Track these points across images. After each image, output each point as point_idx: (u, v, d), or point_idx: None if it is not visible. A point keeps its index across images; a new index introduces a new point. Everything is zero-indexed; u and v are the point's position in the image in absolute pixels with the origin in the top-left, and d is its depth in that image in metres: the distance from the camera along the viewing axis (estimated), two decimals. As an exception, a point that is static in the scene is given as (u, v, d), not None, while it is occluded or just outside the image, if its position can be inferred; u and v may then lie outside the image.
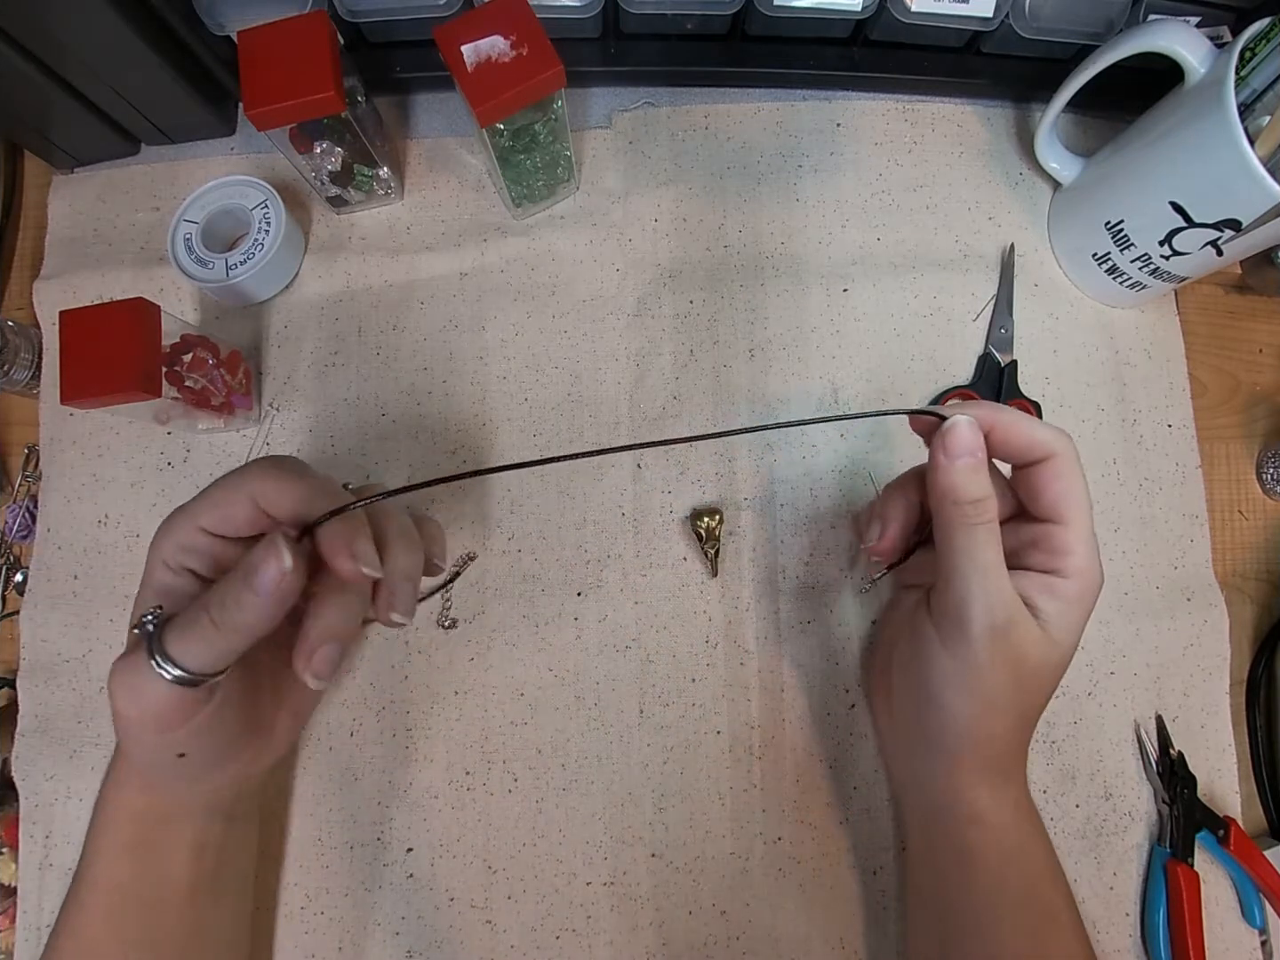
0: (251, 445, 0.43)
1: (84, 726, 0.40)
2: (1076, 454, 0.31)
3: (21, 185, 0.48)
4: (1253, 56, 0.35)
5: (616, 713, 0.40)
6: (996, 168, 0.48)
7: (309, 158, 0.42)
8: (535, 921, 0.38)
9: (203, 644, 0.26)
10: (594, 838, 0.39)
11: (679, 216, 0.46)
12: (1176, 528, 0.45)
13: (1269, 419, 0.48)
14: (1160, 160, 0.39)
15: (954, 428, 0.30)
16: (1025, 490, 0.32)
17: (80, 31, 0.37)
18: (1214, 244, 0.39)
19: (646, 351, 0.44)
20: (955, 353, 0.45)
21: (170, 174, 0.47)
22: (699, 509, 0.41)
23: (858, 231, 0.47)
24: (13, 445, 0.45)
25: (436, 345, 0.44)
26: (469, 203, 0.46)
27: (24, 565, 0.43)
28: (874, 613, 0.42)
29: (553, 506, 0.42)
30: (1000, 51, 0.46)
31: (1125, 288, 0.44)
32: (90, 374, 0.34)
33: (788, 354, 0.44)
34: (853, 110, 0.48)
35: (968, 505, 0.30)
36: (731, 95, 0.48)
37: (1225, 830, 0.40)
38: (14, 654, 0.41)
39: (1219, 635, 0.44)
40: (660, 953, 0.38)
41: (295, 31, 0.37)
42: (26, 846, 0.39)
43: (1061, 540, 0.30)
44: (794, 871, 0.39)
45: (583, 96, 0.48)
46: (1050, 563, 0.31)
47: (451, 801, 0.39)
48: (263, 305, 0.45)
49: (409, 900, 0.38)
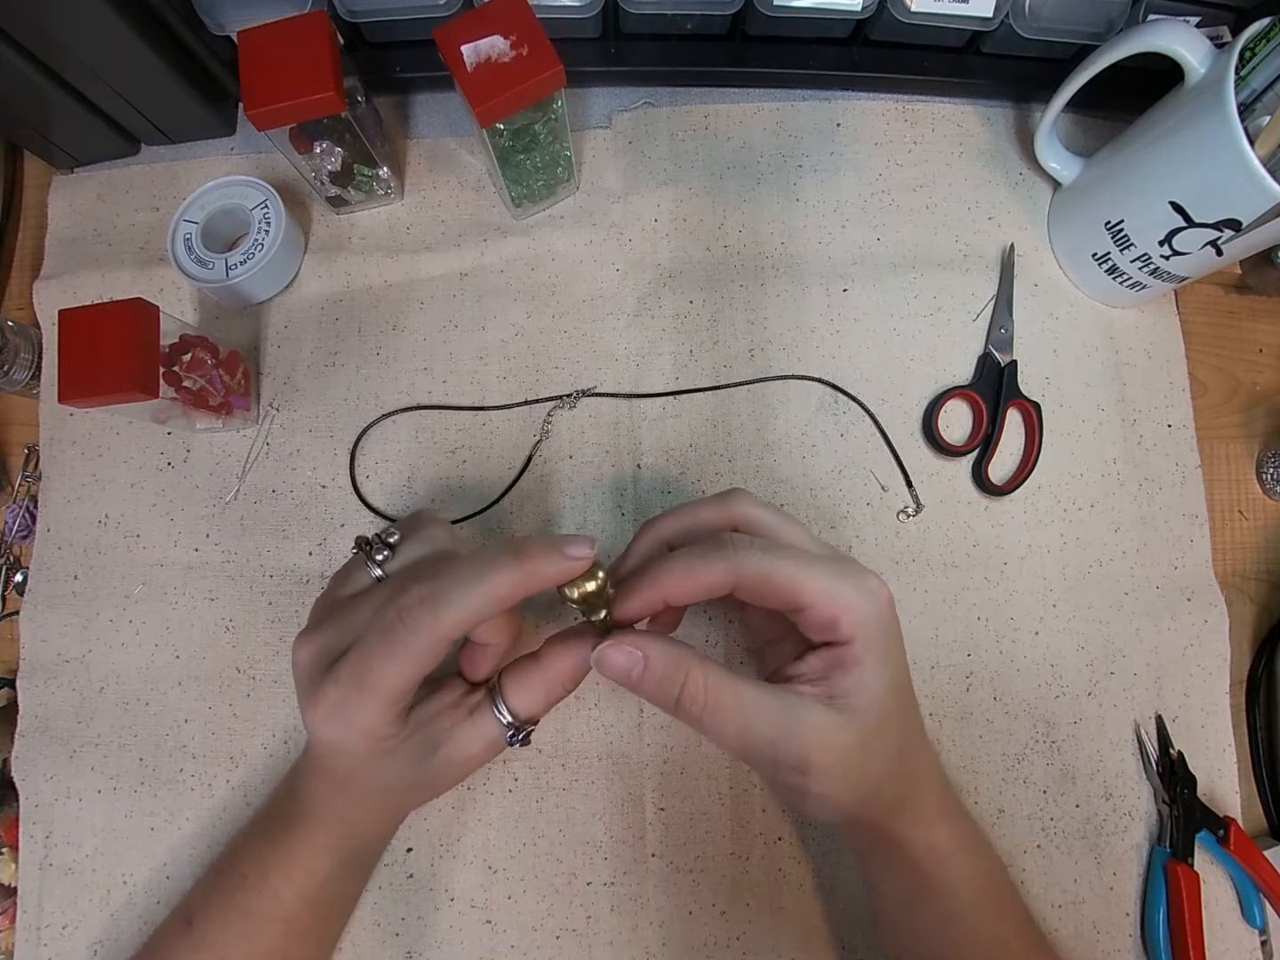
0: (251, 445, 0.43)
1: (84, 726, 0.40)
2: (763, 547, 0.29)
3: (21, 185, 0.48)
4: (1253, 56, 0.35)
5: (616, 713, 0.40)
6: (996, 168, 0.48)
7: (309, 158, 0.42)
8: (535, 921, 0.38)
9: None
10: (594, 838, 0.39)
11: (679, 216, 0.46)
12: (1176, 528, 0.45)
13: (1269, 419, 0.48)
14: (1160, 160, 0.39)
15: (601, 658, 0.29)
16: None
17: (80, 32, 0.37)
18: (1214, 244, 0.39)
19: (646, 351, 0.44)
20: (955, 353, 0.45)
21: (170, 174, 0.47)
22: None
23: (858, 231, 0.47)
24: (13, 445, 0.45)
25: (436, 345, 0.44)
26: (469, 203, 0.46)
27: (24, 565, 0.43)
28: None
29: (553, 506, 0.42)
30: (1000, 51, 0.46)
31: (1125, 288, 0.44)
32: (88, 374, 0.34)
33: (788, 354, 0.44)
34: (853, 110, 0.48)
35: (677, 706, 0.29)
36: (731, 95, 0.48)
37: (1225, 830, 0.40)
38: (14, 654, 0.41)
39: (1219, 635, 0.44)
40: (660, 953, 0.38)
41: (295, 31, 0.37)
42: (26, 846, 0.39)
43: (817, 616, 0.29)
44: (794, 871, 0.39)
45: (583, 96, 0.48)
46: (824, 633, 0.29)
47: (451, 801, 0.39)
48: (262, 305, 0.45)
49: (409, 900, 0.38)
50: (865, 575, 0.30)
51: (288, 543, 0.42)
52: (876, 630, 0.29)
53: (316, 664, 0.29)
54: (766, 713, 0.28)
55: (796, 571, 0.28)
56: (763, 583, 0.28)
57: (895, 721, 0.30)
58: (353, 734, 0.29)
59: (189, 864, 0.38)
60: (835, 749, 0.28)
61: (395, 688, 0.28)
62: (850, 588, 0.29)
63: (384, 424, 0.43)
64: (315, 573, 0.41)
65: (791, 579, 0.28)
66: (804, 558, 0.29)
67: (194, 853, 0.39)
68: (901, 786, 0.31)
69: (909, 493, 0.43)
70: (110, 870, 0.39)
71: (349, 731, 0.29)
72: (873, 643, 0.29)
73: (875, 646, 0.29)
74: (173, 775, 0.40)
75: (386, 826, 0.36)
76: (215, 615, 0.41)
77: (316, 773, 0.32)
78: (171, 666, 0.41)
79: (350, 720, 0.28)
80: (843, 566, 0.29)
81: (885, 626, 0.29)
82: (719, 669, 0.29)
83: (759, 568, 0.28)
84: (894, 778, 0.31)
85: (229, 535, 0.42)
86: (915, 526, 0.43)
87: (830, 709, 0.29)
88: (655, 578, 0.29)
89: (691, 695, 0.28)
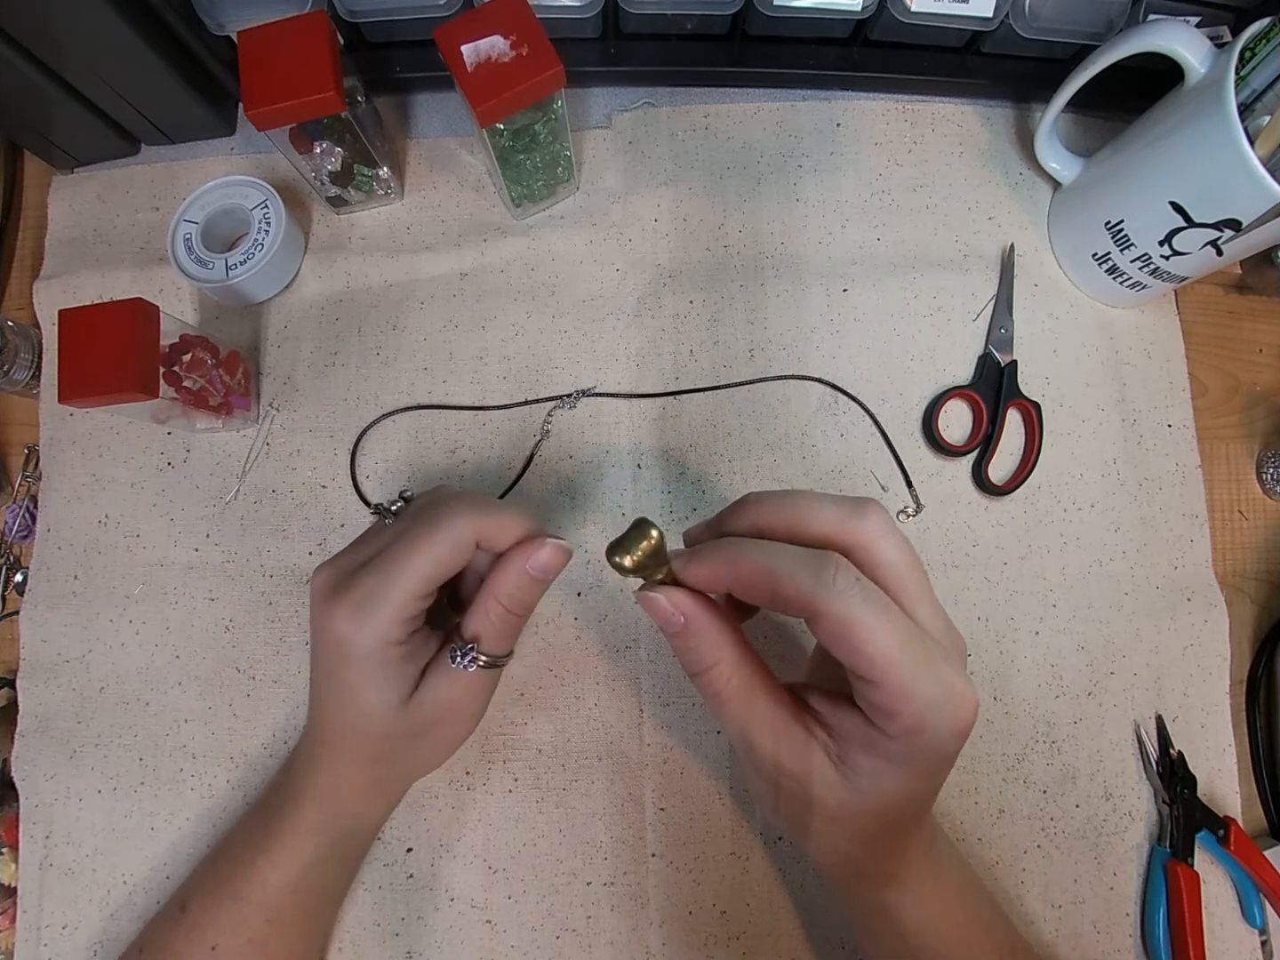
0: (251, 445, 0.43)
1: (84, 726, 0.40)
2: (865, 596, 0.24)
3: (21, 185, 0.48)
4: (1253, 56, 0.35)
5: (616, 713, 0.40)
6: (996, 168, 0.48)
7: (309, 158, 0.42)
8: (535, 921, 0.38)
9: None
10: (594, 838, 0.39)
11: (679, 216, 0.46)
12: (1176, 528, 0.45)
13: (1269, 419, 0.48)
14: (1160, 160, 0.39)
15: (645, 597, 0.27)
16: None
17: (80, 31, 0.37)
18: (1214, 244, 0.39)
19: (646, 351, 0.44)
20: (955, 353, 0.45)
21: (170, 174, 0.47)
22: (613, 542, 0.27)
23: (858, 231, 0.47)
24: (13, 445, 0.45)
25: (436, 345, 0.44)
26: (469, 203, 0.46)
27: (24, 565, 0.43)
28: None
29: (552, 506, 0.42)
30: (1000, 51, 0.46)
31: (1125, 288, 0.44)
32: (88, 374, 0.34)
33: (788, 354, 0.44)
34: (853, 110, 0.48)
35: (695, 678, 0.28)
36: (731, 95, 0.48)
37: (1225, 830, 0.40)
38: (14, 654, 0.41)
39: (1219, 635, 0.44)
40: (660, 953, 0.38)
41: (295, 31, 0.37)
42: (26, 846, 0.39)
43: (878, 699, 0.25)
44: (794, 871, 0.39)
45: (583, 96, 0.48)
46: (875, 715, 0.25)
47: (451, 801, 0.39)
48: (262, 305, 0.45)
49: (409, 900, 0.38)
50: (957, 683, 0.25)
51: (288, 543, 0.42)
52: (927, 745, 0.25)
53: (335, 580, 0.30)
54: (776, 735, 0.27)
55: (885, 642, 0.24)
56: (841, 632, 0.24)
57: (895, 819, 0.28)
58: (366, 631, 0.29)
59: (189, 864, 0.38)
60: (830, 801, 0.27)
61: (414, 585, 0.29)
62: (932, 689, 0.24)
63: (384, 424, 0.43)
64: (315, 573, 0.41)
65: (873, 647, 0.24)
66: (900, 630, 0.24)
67: (194, 853, 0.39)
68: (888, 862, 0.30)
69: (909, 493, 0.43)
70: (110, 870, 0.39)
71: (364, 627, 0.29)
72: (915, 756, 0.26)
73: (915, 760, 0.26)
74: (173, 775, 0.40)
75: (375, 805, 0.35)
76: (215, 615, 0.41)
77: (312, 735, 0.33)
78: (171, 666, 0.41)
79: (368, 615, 0.29)
80: (938, 660, 0.25)
81: (940, 748, 0.25)
82: (749, 671, 0.28)
83: (848, 615, 0.24)
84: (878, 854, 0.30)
85: (229, 535, 0.42)
86: (915, 526, 0.43)
87: (833, 766, 0.27)
88: (730, 559, 0.26)
89: (710, 680, 0.28)
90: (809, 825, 0.29)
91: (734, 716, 0.28)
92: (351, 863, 0.37)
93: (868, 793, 0.27)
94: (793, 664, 0.40)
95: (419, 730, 0.32)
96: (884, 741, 0.25)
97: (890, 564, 0.26)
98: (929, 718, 0.24)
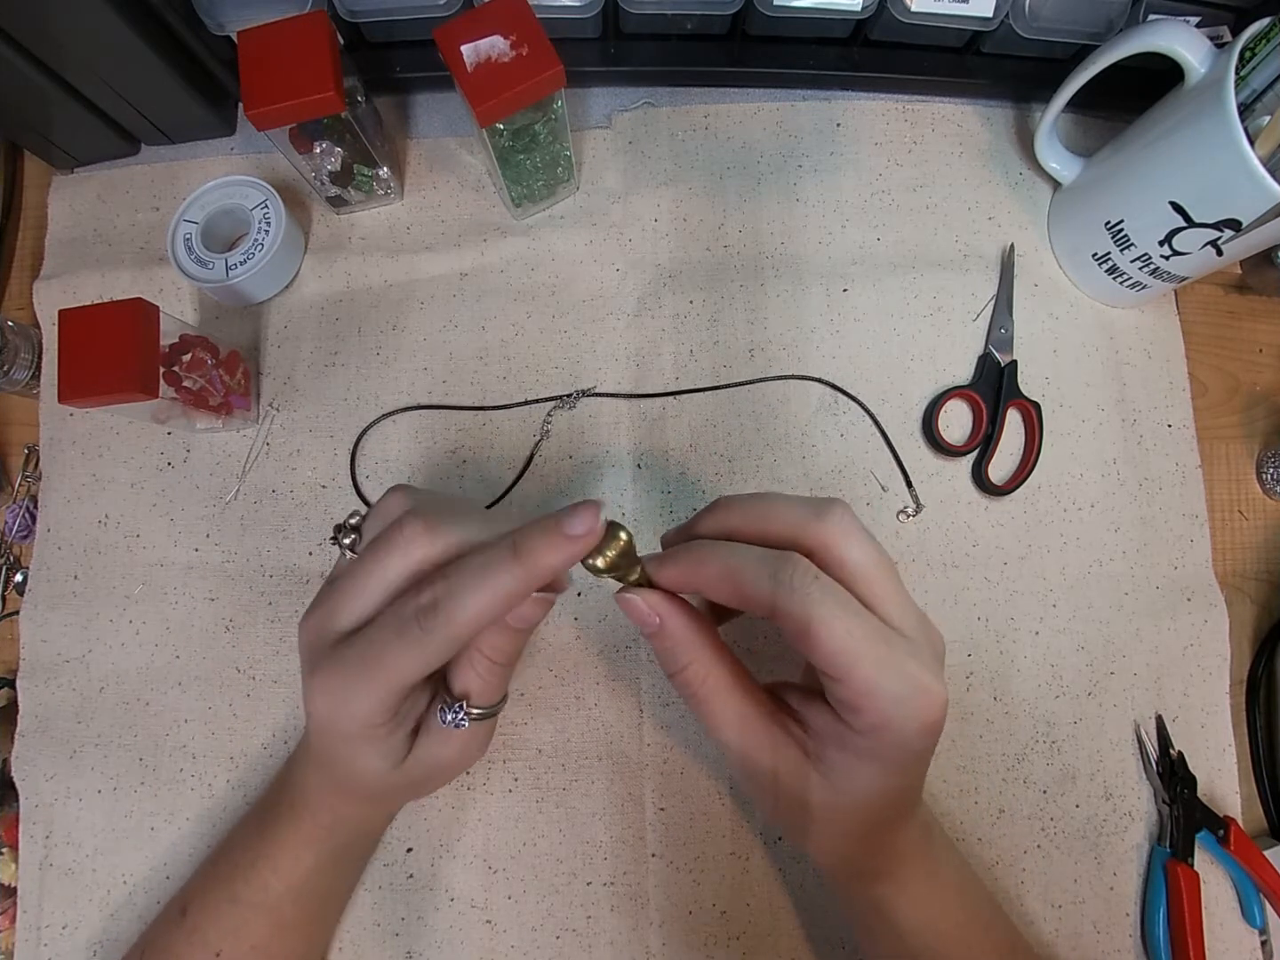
0: (251, 445, 0.43)
1: (84, 726, 0.40)
2: (824, 594, 0.24)
3: (21, 185, 0.48)
4: (1253, 56, 0.35)
5: (616, 713, 0.40)
6: (996, 168, 0.48)
7: (309, 158, 0.42)
8: (535, 921, 0.38)
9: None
10: (594, 838, 0.39)
11: (679, 216, 0.46)
12: (1176, 528, 0.45)
13: (1269, 419, 0.48)
14: (1160, 160, 0.39)
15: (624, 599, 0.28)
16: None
17: (80, 31, 0.37)
18: (1214, 244, 0.39)
19: (646, 351, 0.44)
20: (955, 353, 0.45)
21: (170, 174, 0.47)
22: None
23: (858, 231, 0.47)
24: (13, 445, 0.45)
25: (436, 345, 0.44)
26: (469, 203, 0.46)
27: (24, 565, 0.43)
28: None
29: (552, 506, 0.42)
30: (1000, 51, 0.46)
31: (1125, 288, 0.44)
32: (88, 374, 0.34)
33: (788, 354, 0.44)
34: (853, 110, 0.48)
35: (672, 677, 0.28)
36: (731, 95, 0.48)
37: (1225, 830, 0.40)
38: (14, 654, 0.41)
39: (1219, 635, 0.44)
40: (660, 953, 0.38)
41: (295, 31, 0.37)
42: (26, 846, 0.39)
43: (843, 695, 0.25)
44: (794, 871, 0.39)
45: (583, 96, 0.48)
46: (843, 711, 0.26)
47: (451, 801, 0.39)
48: (262, 305, 0.45)
49: (409, 900, 0.38)
50: (924, 679, 0.25)
51: (288, 543, 0.42)
52: (894, 741, 0.25)
53: (317, 647, 0.29)
54: (751, 733, 0.28)
55: (844, 639, 0.24)
56: (799, 630, 0.24)
57: (876, 814, 0.28)
58: (345, 715, 0.28)
59: (188, 864, 0.38)
60: (813, 799, 0.28)
61: (399, 681, 0.27)
62: (897, 685, 0.24)
63: (384, 424, 0.43)
64: (315, 573, 0.41)
65: (832, 644, 0.24)
66: (862, 626, 0.24)
67: (194, 853, 0.39)
68: (879, 858, 0.31)
69: (909, 493, 0.43)
70: (110, 870, 0.39)
71: (342, 711, 0.28)
72: (883, 752, 0.26)
73: (884, 755, 0.26)
74: (173, 775, 0.40)
75: (374, 824, 0.36)
76: (215, 615, 0.41)
77: (307, 758, 0.33)
78: (171, 666, 0.41)
79: (348, 702, 0.28)
80: (903, 656, 0.25)
81: (907, 744, 0.25)
82: (724, 670, 0.28)
83: (804, 613, 0.24)
84: (869, 850, 0.30)
85: (229, 535, 0.42)
86: (915, 526, 0.43)
87: (810, 764, 0.27)
88: (696, 561, 0.27)
89: (686, 680, 0.28)
90: (801, 824, 0.29)
91: (710, 714, 0.28)
92: (354, 867, 0.37)
93: (844, 789, 0.27)
94: (792, 664, 0.40)
95: (417, 783, 0.32)
96: (852, 737, 0.26)
97: (855, 562, 0.26)
98: (894, 713, 0.25)
